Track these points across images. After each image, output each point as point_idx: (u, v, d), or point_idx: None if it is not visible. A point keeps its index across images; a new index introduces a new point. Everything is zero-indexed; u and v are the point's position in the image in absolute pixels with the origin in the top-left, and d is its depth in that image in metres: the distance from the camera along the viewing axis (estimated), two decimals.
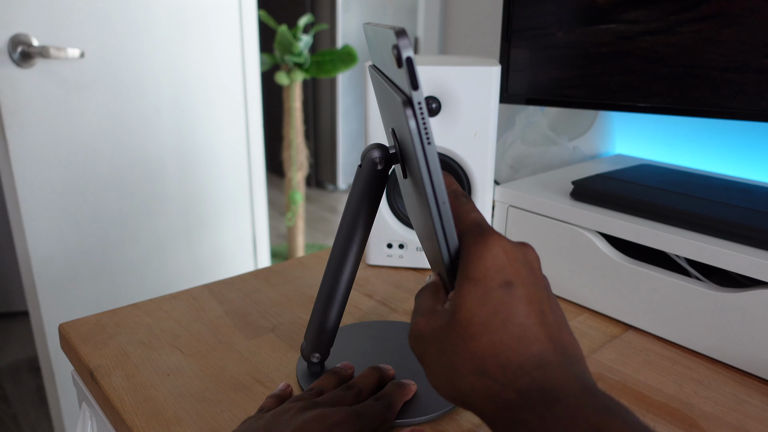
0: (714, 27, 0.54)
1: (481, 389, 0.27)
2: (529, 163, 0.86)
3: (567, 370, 0.26)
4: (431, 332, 0.29)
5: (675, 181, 0.63)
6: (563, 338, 0.28)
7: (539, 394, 0.25)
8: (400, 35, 0.27)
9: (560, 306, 0.30)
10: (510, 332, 0.26)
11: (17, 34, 1.09)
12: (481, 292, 0.27)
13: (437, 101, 0.63)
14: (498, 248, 0.28)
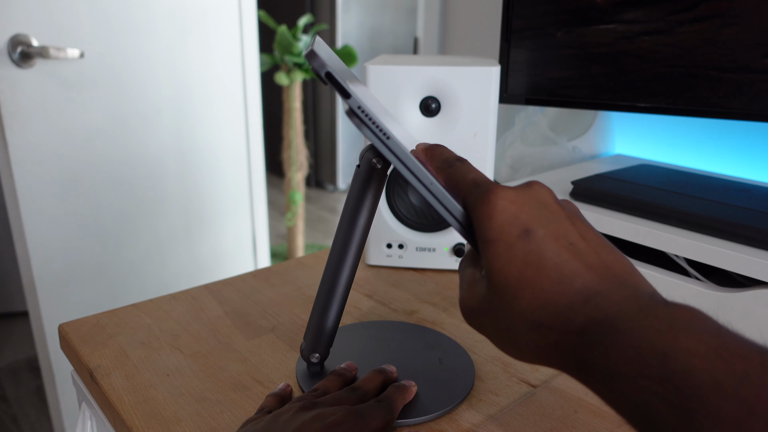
0: (713, 27, 0.54)
1: (543, 343, 0.26)
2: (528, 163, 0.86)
3: (618, 294, 0.25)
4: (478, 303, 0.28)
5: (674, 181, 0.63)
6: (605, 260, 0.26)
7: (597, 330, 0.24)
8: (311, 57, 0.28)
9: (592, 228, 0.29)
10: (547, 278, 0.25)
11: (17, 34, 1.09)
12: (504, 250, 0.26)
13: (437, 101, 0.63)
14: (503, 201, 0.27)
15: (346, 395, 0.39)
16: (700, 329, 0.22)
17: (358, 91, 0.31)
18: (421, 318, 0.57)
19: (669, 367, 0.21)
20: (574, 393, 0.46)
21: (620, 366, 0.22)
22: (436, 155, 0.33)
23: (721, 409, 0.19)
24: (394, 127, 0.37)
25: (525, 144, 0.87)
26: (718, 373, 0.20)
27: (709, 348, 0.21)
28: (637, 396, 0.22)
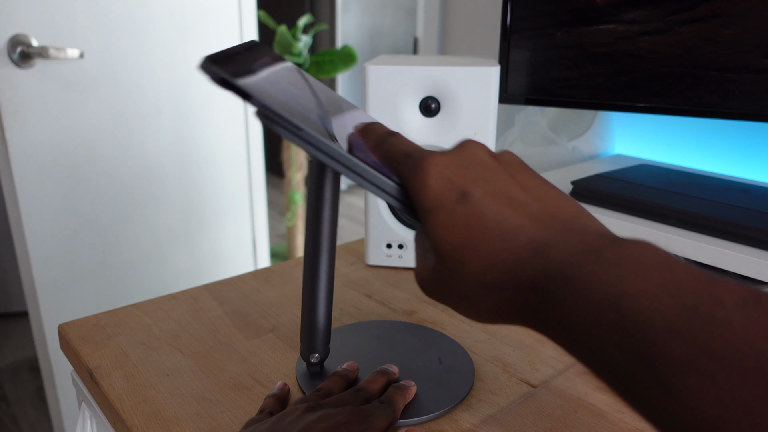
0: (713, 27, 0.54)
1: (499, 303, 0.25)
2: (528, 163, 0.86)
3: (564, 242, 0.24)
4: (431, 274, 0.28)
5: (674, 181, 0.63)
6: (549, 208, 0.26)
7: (548, 282, 0.23)
8: (203, 67, 0.27)
9: (534, 176, 0.28)
10: (491, 237, 0.25)
11: (17, 34, 1.09)
12: (444, 217, 0.26)
13: (437, 101, 0.63)
14: (436, 167, 0.27)
15: (351, 396, 0.39)
16: (649, 266, 0.21)
17: (264, 88, 0.30)
18: (421, 318, 0.57)
19: (621, 313, 0.20)
20: (574, 393, 0.46)
21: (575, 317, 0.22)
22: (369, 134, 0.33)
23: (674, 350, 0.19)
24: (340, 115, 0.37)
25: (525, 144, 0.87)
26: (667, 312, 0.19)
27: (658, 286, 0.20)
28: (595, 345, 0.21)
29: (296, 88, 0.35)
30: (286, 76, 0.36)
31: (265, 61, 0.35)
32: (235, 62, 0.30)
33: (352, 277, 0.66)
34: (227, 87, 0.27)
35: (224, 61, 0.30)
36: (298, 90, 0.35)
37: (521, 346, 0.53)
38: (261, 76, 0.31)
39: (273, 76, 0.33)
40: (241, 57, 0.32)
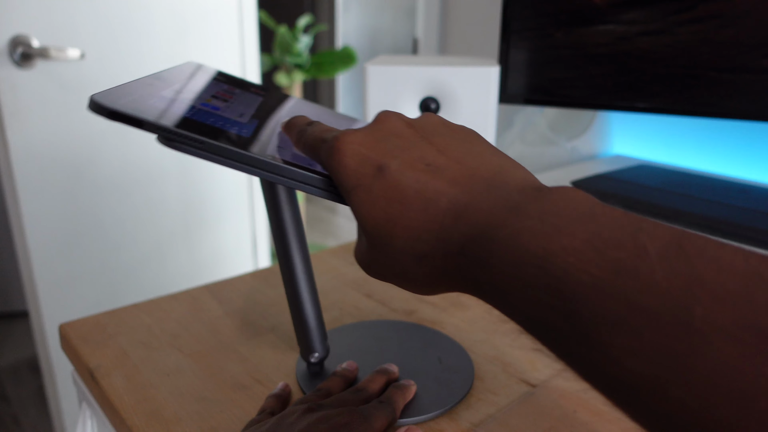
0: (712, 28, 0.54)
1: (433, 272, 0.25)
2: (528, 163, 0.86)
3: (486, 201, 0.23)
4: (365, 254, 0.27)
5: (674, 182, 0.63)
6: (469, 167, 0.25)
7: (474, 246, 0.22)
8: (94, 110, 0.27)
9: (454, 136, 0.27)
10: (413, 208, 0.24)
11: (17, 34, 1.09)
12: (364, 195, 0.25)
13: (436, 102, 0.63)
14: (351, 146, 0.26)
15: (351, 396, 0.39)
16: (573, 219, 0.20)
17: (156, 109, 0.29)
18: (420, 318, 0.57)
19: (549, 272, 0.20)
20: (574, 392, 0.46)
21: (504, 280, 0.21)
22: (291, 128, 0.32)
23: (601, 307, 0.18)
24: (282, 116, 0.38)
25: (524, 144, 0.87)
26: (593, 268, 0.19)
27: (583, 241, 0.19)
28: (526, 307, 0.21)
29: (221, 101, 0.36)
30: (205, 91, 0.36)
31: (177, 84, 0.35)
32: (127, 93, 0.30)
33: (352, 277, 0.66)
34: (121, 120, 0.27)
35: (123, 92, 0.30)
36: (221, 101, 0.35)
37: (521, 345, 0.53)
38: (159, 98, 0.31)
39: (177, 95, 0.33)
40: (140, 87, 0.32)
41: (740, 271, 0.17)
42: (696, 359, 0.16)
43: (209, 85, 0.38)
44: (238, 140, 0.30)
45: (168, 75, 0.36)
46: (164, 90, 0.33)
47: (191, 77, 0.38)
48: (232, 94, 0.38)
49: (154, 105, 0.30)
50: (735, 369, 0.15)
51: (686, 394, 0.16)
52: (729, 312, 0.16)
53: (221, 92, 0.38)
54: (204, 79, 0.39)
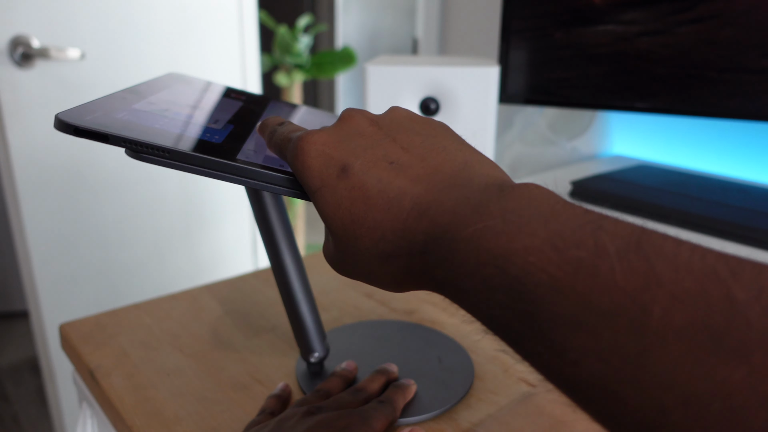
0: (711, 28, 0.54)
1: (398, 271, 0.25)
2: (527, 164, 0.86)
3: (449, 200, 0.23)
4: (333, 253, 0.27)
5: (673, 182, 0.63)
6: (433, 164, 0.25)
7: (437, 245, 0.22)
8: (59, 128, 0.27)
9: (419, 132, 0.27)
10: (376, 207, 0.24)
11: (18, 35, 1.09)
12: (329, 195, 0.25)
13: (436, 102, 0.63)
14: (314, 146, 0.26)
15: (350, 397, 0.39)
16: (534, 219, 0.20)
17: (122, 123, 0.29)
18: (420, 318, 0.57)
19: (509, 273, 0.19)
20: None
21: (466, 280, 0.21)
22: (264, 130, 0.32)
23: (560, 308, 0.18)
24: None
25: (524, 144, 0.87)
26: (552, 268, 0.18)
27: (543, 240, 0.19)
28: (489, 308, 0.20)
29: (195, 108, 0.35)
30: (180, 101, 0.36)
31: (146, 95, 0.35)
32: (93, 110, 0.30)
33: None
34: (86, 136, 0.27)
35: (89, 109, 0.29)
36: (193, 110, 0.35)
37: None
38: (128, 111, 0.31)
39: (150, 107, 0.33)
40: (108, 102, 0.32)
41: (697, 270, 0.17)
42: (651, 360, 0.16)
43: (186, 95, 0.38)
44: (206, 147, 0.30)
45: (143, 87, 0.36)
46: (136, 103, 0.33)
47: (167, 88, 0.38)
48: (209, 102, 0.38)
49: (121, 119, 0.29)
50: (688, 371, 0.15)
51: (641, 396, 0.16)
52: (684, 312, 0.16)
53: (198, 100, 0.38)
54: (181, 89, 0.39)
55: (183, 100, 0.37)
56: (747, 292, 0.15)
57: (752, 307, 0.15)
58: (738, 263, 0.16)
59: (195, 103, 0.37)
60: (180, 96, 0.37)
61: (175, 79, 0.41)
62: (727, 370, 0.15)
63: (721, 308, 0.15)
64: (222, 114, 0.36)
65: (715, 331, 0.15)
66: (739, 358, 0.15)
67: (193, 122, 0.33)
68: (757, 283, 0.16)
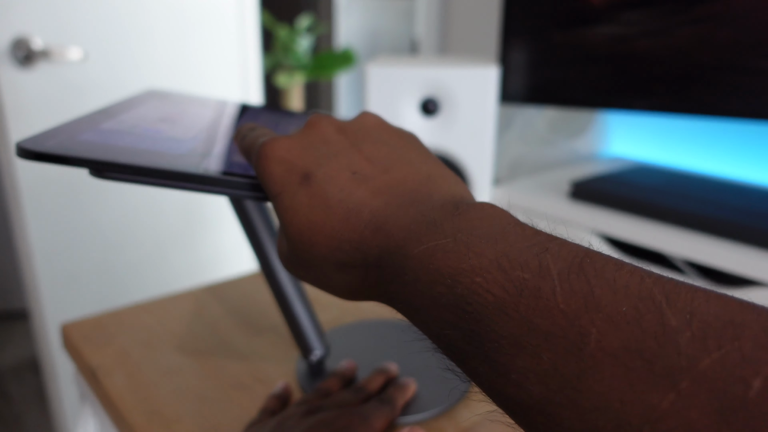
0: (710, 29, 0.54)
1: (353, 281, 0.25)
2: (527, 163, 0.86)
3: (406, 216, 0.23)
4: (287, 256, 0.27)
5: (672, 182, 0.63)
6: (395, 178, 0.25)
7: (391, 260, 0.22)
8: (22, 155, 0.26)
9: (386, 143, 0.27)
10: (335, 217, 0.24)
11: (20, 35, 1.09)
12: (289, 201, 0.25)
13: (436, 102, 0.63)
14: (279, 152, 0.26)
15: (350, 396, 0.39)
16: (484, 239, 0.20)
17: (89, 144, 0.29)
18: None
19: (456, 292, 0.19)
20: None
21: (416, 297, 0.21)
22: (237, 136, 0.32)
23: (504, 329, 0.18)
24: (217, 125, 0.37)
25: (524, 144, 0.88)
26: (497, 289, 0.18)
27: (490, 261, 0.19)
28: (436, 327, 0.20)
29: (165, 122, 0.35)
30: (151, 116, 0.35)
31: (114, 112, 0.35)
32: (57, 134, 0.30)
33: None
34: (42, 159, 0.26)
35: (44, 137, 0.29)
36: (168, 124, 0.35)
37: None
38: (94, 132, 0.31)
39: (118, 125, 0.32)
40: (74, 125, 0.32)
41: (634, 293, 0.17)
42: (587, 384, 0.16)
43: (158, 110, 0.37)
44: (168, 158, 0.29)
45: (116, 107, 0.36)
46: (105, 123, 0.32)
47: (141, 105, 0.37)
48: (183, 114, 0.38)
49: (85, 140, 0.29)
50: (621, 395, 0.15)
51: (578, 419, 0.16)
52: (619, 336, 0.16)
53: (173, 114, 0.37)
54: (155, 105, 0.38)
55: (154, 115, 0.36)
56: (679, 318, 0.15)
57: (683, 332, 0.15)
58: (674, 287, 0.16)
59: (166, 117, 0.36)
60: (152, 111, 0.37)
61: (152, 95, 0.41)
62: (657, 396, 0.15)
63: (654, 333, 0.15)
64: (192, 125, 0.36)
65: (647, 356, 0.15)
66: (668, 384, 0.15)
67: (160, 136, 0.32)
68: (689, 309, 0.16)
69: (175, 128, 0.35)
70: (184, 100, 0.41)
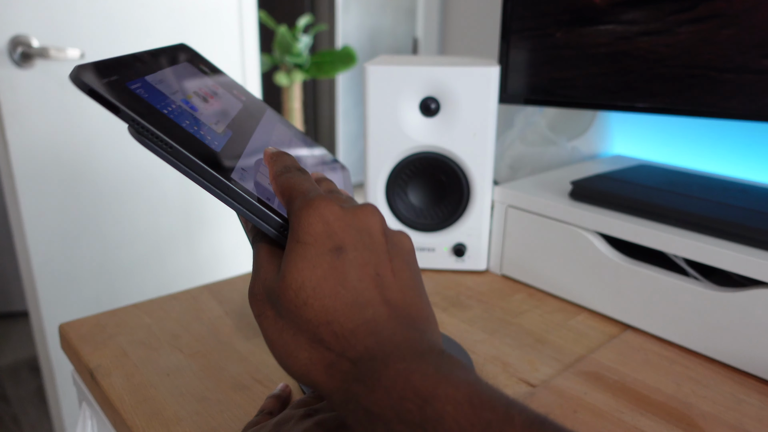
0: (712, 27, 0.54)
1: (318, 359, 0.25)
2: (528, 164, 0.86)
3: (401, 335, 0.25)
4: (267, 292, 0.27)
5: (673, 181, 0.63)
6: (406, 300, 0.27)
7: (370, 364, 0.24)
8: (75, 81, 0.26)
9: (412, 269, 0.29)
10: (342, 298, 0.25)
11: (17, 34, 1.09)
12: (311, 255, 0.26)
13: (436, 102, 0.63)
14: (328, 213, 0.27)
15: None
16: (461, 379, 0.22)
17: (139, 99, 0.28)
18: None
19: (425, 413, 0.21)
20: (574, 393, 0.46)
21: (379, 406, 0.22)
22: (278, 161, 0.32)
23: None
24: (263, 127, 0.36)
25: (524, 144, 0.87)
26: (464, 421, 0.20)
27: (464, 396, 0.21)
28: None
29: (203, 101, 0.34)
30: (188, 86, 0.35)
31: (167, 70, 0.34)
32: (118, 70, 0.29)
33: None
34: (98, 100, 0.26)
35: (107, 68, 0.28)
36: (204, 103, 0.34)
37: (521, 345, 0.53)
38: (140, 83, 0.30)
39: (159, 84, 0.32)
40: (133, 65, 0.31)
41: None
42: None
43: (194, 79, 0.37)
44: (207, 155, 0.29)
45: (157, 57, 0.35)
46: (149, 74, 0.32)
47: (175, 63, 0.36)
48: (214, 94, 0.37)
49: (135, 91, 0.29)
50: None
51: None
52: None
53: (204, 90, 0.36)
54: (188, 70, 0.37)
55: (189, 83, 0.35)
56: None
57: None
58: None
59: (199, 91, 0.36)
60: (187, 78, 0.36)
61: (184, 53, 0.40)
62: None
63: None
64: (223, 114, 0.35)
65: None
66: None
67: (198, 117, 0.32)
68: None
69: (208, 111, 0.34)
70: (211, 74, 0.40)
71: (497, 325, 0.56)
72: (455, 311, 0.59)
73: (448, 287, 0.64)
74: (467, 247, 0.66)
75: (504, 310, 0.59)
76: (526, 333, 0.55)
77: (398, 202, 0.67)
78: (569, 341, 0.54)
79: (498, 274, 0.68)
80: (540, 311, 0.59)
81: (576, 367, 0.49)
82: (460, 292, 0.63)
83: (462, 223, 0.66)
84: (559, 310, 0.59)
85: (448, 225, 0.67)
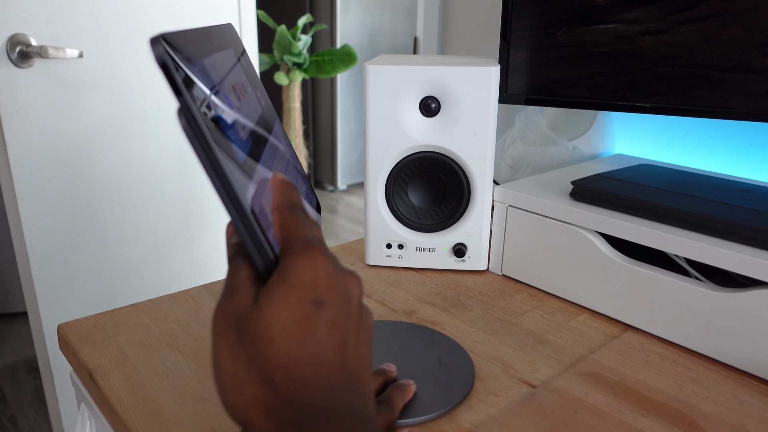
0: (713, 27, 0.54)
1: (262, 399, 0.25)
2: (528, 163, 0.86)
3: (347, 401, 0.26)
4: (237, 316, 0.27)
5: (674, 181, 0.63)
6: (358, 371, 0.28)
7: (314, 416, 0.25)
8: (153, 44, 0.25)
9: (369, 347, 0.30)
10: (307, 349, 0.26)
11: (16, 34, 1.09)
12: (293, 299, 0.26)
13: (437, 101, 0.63)
14: (321, 267, 0.27)
15: None
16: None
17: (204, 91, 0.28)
18: (420, 318, 0.57)
19: None
20: (574, 393, 0.45)
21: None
22: (286, 194, 0.32)
23: None
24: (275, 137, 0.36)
25: (525, 144, 0.87)
26: None
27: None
28: None
29: (239, 98, 0.34)
30: (229, 77, 0.34)
31: (223, 55, 0.33)
32: (193, 47, 0.28)
33: None
34: (164, 71, 0.25)
35: (183, 44, 0.27)
36: (239, 97, 0.34)
37: (521, 346, 0.52)
38: (199, 68, 0.29)
39: (211, 70, 0.31)
40: (202, 44, 0.30)
41: None
42: None
43: (233, 70, 0.35)
44: (235, 164, 0.28)
45: (211, 37, 0.33)
46: (206, 57, 0.31)
47: (220, 50, 0.35)
48: (245, 92, 0.36)
49: (197, 73, 0.28)
50: None
51: None
52: None
53: (239, 85, 0.35)
54: (227, 59, 0.36)
55: (229, 76, 0.34)
56: None
57: None
58: None
59: (235, 86, 0.35)
60: (229, 67, 0.35)
61: (230, 35, 0.38)
62: None
63: None
64: (248, 119, 0.34)
65: None
66: None
67: (232, 119, 0.31)
68: None
69: (240, 111, 0.33)
70: (245, 66, 0.39)
71: (498, 325, 0.56)
72: (455, 311, 0.59)
73: (448, 287, 0.64)
74: (467, 247, 0.66)
75: (504, 310, 0.59)
76: (527, 333, 0.55)
77: (398, 202, 0.67)
78: (570, 342, 0.53)
79: (498, 275, 0.67)
80: (540, 311, 0.59)
81: (577, 368, 0.49)
82: (461, 292, 0.63)
83: (462, 223, 0.66)
84: (559, 311, 0.59)
85: (449, 225, 0.66)
